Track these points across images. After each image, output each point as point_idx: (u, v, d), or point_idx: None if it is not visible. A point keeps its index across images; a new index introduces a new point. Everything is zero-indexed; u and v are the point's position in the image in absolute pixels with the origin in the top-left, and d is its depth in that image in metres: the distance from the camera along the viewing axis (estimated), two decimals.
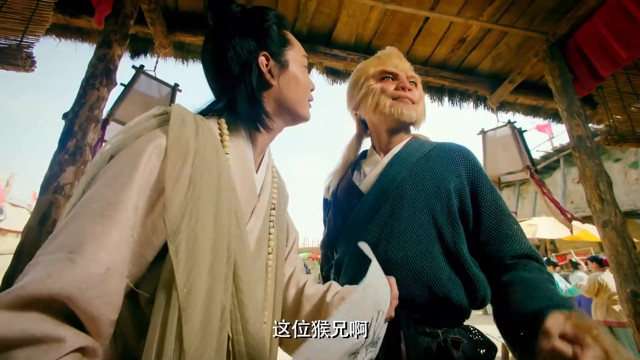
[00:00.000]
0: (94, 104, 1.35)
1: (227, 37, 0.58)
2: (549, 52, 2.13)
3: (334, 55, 2.37)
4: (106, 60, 1.45)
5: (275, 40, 0.60)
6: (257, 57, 0.58)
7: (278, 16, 0.64)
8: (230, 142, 0.56)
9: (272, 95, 0.61)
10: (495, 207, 0.70)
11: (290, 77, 0.61)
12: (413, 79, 0.84)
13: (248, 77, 0.57)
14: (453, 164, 0.75)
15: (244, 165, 0.57)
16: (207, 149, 0.48)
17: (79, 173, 1.26)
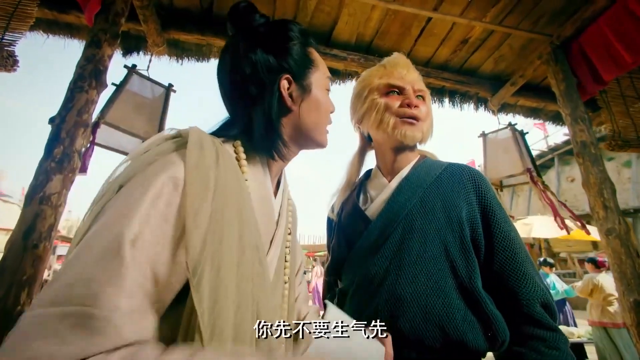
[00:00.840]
0: (82, 108, 1.28)
1: (247, 54, 0.53)
2: (552, 54, 2.09)
3: (334, 55, 2.31)
4: (95, 60, 1.37)
5: (299, 61, 0.55)
6: (279, 79, 0.53)
7: (304, 32, 0.58)
8: (248, 167, 0.52)
9: (291, 121, 0.56)
10: (508, 239, 0.66)
11: (312, 103, 0.56)
12: (420, 93, 0.78)
13: (267, 101, 0.52)
14: (464, 190, 0.70)
15: (262, 192, 0.53)
16: (229, 177, 0.44)
17: (66, 182, 1.19)
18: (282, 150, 0.54)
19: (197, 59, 2.42)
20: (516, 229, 0.68)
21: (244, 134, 0.53)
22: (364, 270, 0.66)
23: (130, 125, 1.72)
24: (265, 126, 0.52)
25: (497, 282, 0.63)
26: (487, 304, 0.60)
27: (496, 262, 0.64)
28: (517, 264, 0.63)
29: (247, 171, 0.50)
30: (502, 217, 0.67)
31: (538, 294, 0.61)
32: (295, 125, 0.56)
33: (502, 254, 0.64)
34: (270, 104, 0.52)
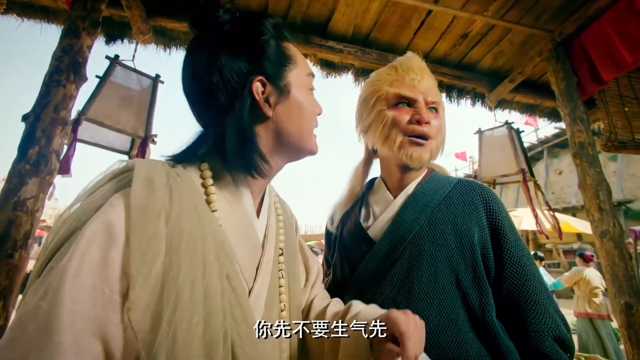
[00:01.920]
0: (59, 104, 1.18)
1: (211, 56, 0.46)
2: (553, 52, 2.04)
3: (330, 47, 2.22)
4: (73, 52, 1.26)
5: (273, 60, 0.48)
6: (251, 83, 0.46)
7: (277, 26, 0.51)
8: (220, 193, 0.45)
9: (269, 129, 0.49)
10: (520, 265, 0.61)
11: (293, 105, 0.49)
12: (434, 105, 0.71)
13: (238, 108, 0.45)
14: (475, 212, 0.65)
15: (241, 219, 0.47)
16: (186, 219, 0.37)
17: (43, 185, 1.10)
18: (261, 166, 0.47)
19: (185, 48, 2.30)
20: (529, 253, 0.64)
21: (215, 151, 0.46)
22: (369, 298, 0.62)
23: (115, 120, 1.62)
24: (238, 139, 0.45)
25: (506, 310, 0.59)
26: (502, 338, 0.56)
27: (505, 289, 0.60)
28: (528, 292, 0.59)
29: (217, 199, 0.44)
30: (514, 240, 0.63)
31: (550, 326, 0.57)
32: (276, 133, 0.49)
33: (512, 280, 0.60)
34: (242, 111, 0.45)
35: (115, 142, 1.85)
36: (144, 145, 1.67)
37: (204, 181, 0.45)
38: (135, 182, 0.36)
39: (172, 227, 0.35)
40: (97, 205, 0.35)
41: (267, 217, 0.53)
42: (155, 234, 0.34)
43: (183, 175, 0.42)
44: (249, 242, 0.47)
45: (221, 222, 0.43)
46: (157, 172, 0.38)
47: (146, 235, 0.33)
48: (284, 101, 0.49)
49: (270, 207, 0.56)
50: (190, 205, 0.39)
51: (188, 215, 0.38)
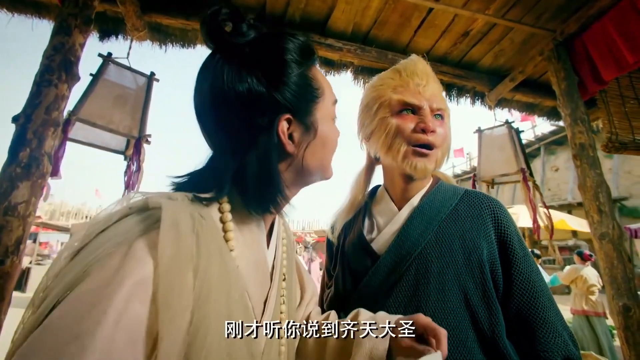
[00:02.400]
0: (51, 105, 1.14)
1: (233, 84, 0.41)
2: (555, 51, 2.02)
3: (329, 45, 2.18)
4: (64, 50, 1.22)
5: (300, 94, 0.44)
6: (277, 121, 0.42)
7: (304, 49, 0.46)
8: (237, 229, 0.43)
9: (290, 165, 0.46)
10: (529, 282, 0.59)
11: (318, 143, 0.46)
12: (439, 112, 0.68)
13: (263, 147, 0.42)
14: (483, 227, 0.63)
15: (255, 255, 0.45)
16: (213, 269, 0.34)
17: (35, 189, 1.07)
18: (279, 204, 0.45)
19: (181, 45, 2.25)
20: (538, 269, 0.62)
21: (234, 185, 0.43)
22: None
23: (108, 120, 1.58)
24: (260, 178, 0.42)
25: (514, 327, 0.58)
26: (512, 358, 0.54)
27: (513, 306, 0.59)
28: (537, 309, 0.57)
29: (234, 237, 0.42)
30: (523, 256, 0.61)
31: (559, 346, 0.55)
32: (297, 168, 0.46)
33: (521, 297, 0.58)
34: (267, 151, 0.42)
35: (110, 142, 1.82)
36: (138, 145, 1.64)
37: (222, 215, 0.42)
38: (163, 228, 0.31)
39: (200, 281, 0.32)
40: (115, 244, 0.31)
41: (276, 246, 0.52)
42: (183, 288, 0.31)
43: (206, 215, 0.39)
44: (260, 277, 0.45)
45: (238, 261, 0.41)
46: (182, 214, 0.35)
47: (174, 291, 0.30)
48: (310, 140, 0.45)
49: (279, 235, 0.54)
50: (216, 253, 0.36)
51: (214, 265, 0.35)
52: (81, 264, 0.30)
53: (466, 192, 0.69)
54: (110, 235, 0.32)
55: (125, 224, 0.33)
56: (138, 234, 0.32)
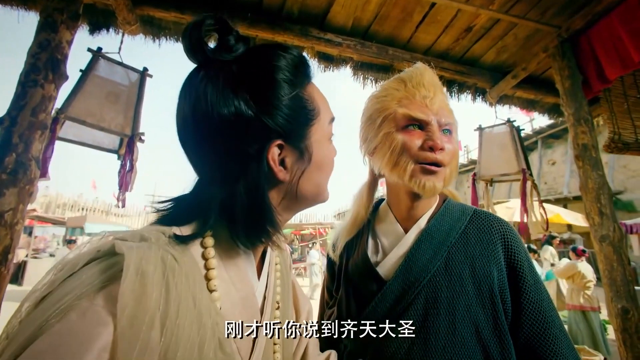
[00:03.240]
0: (38, 106, 1.08)
1: (217, 108, 0.37)
2: (560, 48, 1.98)
3: (328, 40, 2.12)
4: (51, 48, 1.15)
5: (294, 117, 0.40)
6: (267, 149, 0.38)
7: (298, 66, 0.41)
8: (222, 264, 0.40)
9: (284, 192, 0.42)
10: (539, 311, 0.56)
11: (314, 168, 0.42)
12: (447, 126, 0.64)
13: (251, 175, 0.38)
14: (494, 253, 0.60)
15: (242, 291, 0.41)
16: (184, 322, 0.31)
17: (23, 195, 1.02)
18: (271, 236, 0.41)
19: (176, 39, 2.17)
20: (549, 297, 0.60)
21: (220, 216, 0.39)
22: (379, 345, 0.57)
23: (99, 118, 1.53)
24: (249, 208, 0.38)
25: (523, 358, 0.55)
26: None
27: (522, 335, 0.56)
28: (548, 341, 0.54)
29: (217, 276, 0.38)
30: (533, 283, 0.58)
31: None
32: (291, 196, 0.42)
33: (531, 327, 0.56)
34: (256, 180, 0.38)
35: (103, 141, 1.76)
36: (131, 144, 1.59)
37: (204, 251, 0.38)
38: (124, 281, 0.28)
39: (168, 337, 0.29)
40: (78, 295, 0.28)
41: (268, 275, 0.48)
42: (146, 348, 0.27)
43: (182, 256, 0.35)
44: (248, 313, 0.41)
45: (220, 302, 0.38)
46: (151, 261, 0.31)
47: (135, 353, 0.27)
48: (305, 166, 0.42)
49: (272, 260, 0.50)
50: (189, 302, 0.32)
51: (186, 317, 0.31)
52: (41, 317, 0.27)
53: (475, 212, 0.66)
54: (74, 284, 0.29)
55: (88, 272, 0.30)
56: (99, 286, 0.29)
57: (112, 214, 18.49)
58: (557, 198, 10.95)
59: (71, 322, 0.26)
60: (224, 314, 0.37)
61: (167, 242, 0.35)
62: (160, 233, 0.36)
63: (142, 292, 0.29)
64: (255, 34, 2.03)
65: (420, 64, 0.70)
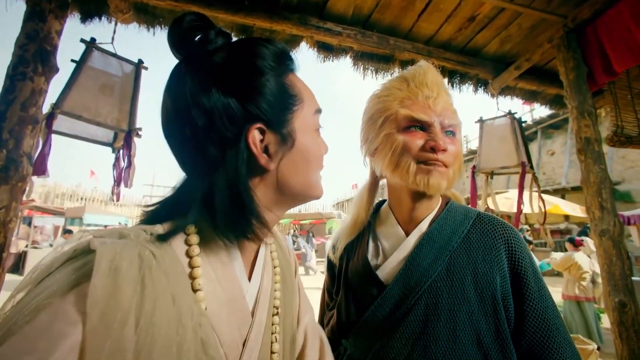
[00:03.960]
0: (27, 100, 1.05)
1: (198, 93, 0.37)
2: (565, 38, 1.93)
3: (328, 30, 2.06)
4: (39, 39, 1.10)
5: (275, 102, 0.40)
6: (247, 132, 0.38)
7: (280, 55, 0.42)
8: (208, 262, 0.38)
9: (269, 183, 0.41)
10: (543, 319, 0.55)
11: (297, 155, 0.42)
12: (451, 128, 0.62)
13: (231, 164, 0.37)
14: (497, 258, 0.58)
15: (230, 292, 0.40)
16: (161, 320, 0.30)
17: (15, 192, 1.00)
18: (256, 230, 0.40)
19: None
20: (554, 304, 0.59)
21: (203, 210, 0.38)
22: (379, 349, 0.56)
23: (94, 113, 1.48)
24: (230, 199, 0.37)
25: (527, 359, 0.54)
26: None
27: (525, 343, 0.55)
28: (552, 350, 0.53)
29: (203, 273, 0.37)
30: (537, 290, 0.57)
31: None
32: (276, 187, 0.42)
33: (533, 335, 0.54)
34: (236, 168, 0.37)
35: (97, 134, 1.72)
36: (129, 139, 1.55)
37: (189, 249, 0.37)
38: (95, 277, 0.27)
39: (142, 336, 0.28)
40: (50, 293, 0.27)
41: (261, 276, 0.46)
42: (118, 346, 0.27)
43: (161, 253, 0.34)
44: (236, 316, 0.40)
45: (206, 302, 0.37)
46: (125, 256, 0.30)
47: (105, 354, 0.26)
48: (287, 152, 0.41)
49: (267, 261, 0.48)
50: (167, 300, 0.31)
51: (163, 315, 0.30)
52: (12, 320, 0.27)
53: (478, 216, 0.64)
54: (47, 284, 0.29)
55: (63, 272, 0.29)
56: (71, 284, 0.28)
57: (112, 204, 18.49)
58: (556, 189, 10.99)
59: (40, 322, 0.26)
60: (210, 315, 0.36)
61: (148, 239, 0.35)
62: (142, 230, 0.36)
63: (115, 288, 0.28)
64: (252, 22, 1.97)
65: (423, 62, 0.67)
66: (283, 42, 2.18)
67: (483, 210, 2.55)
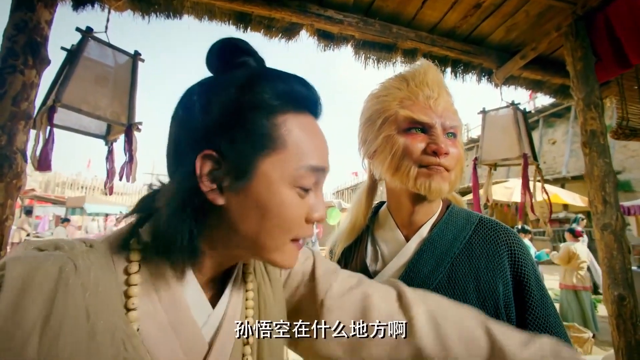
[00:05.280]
0: (18, 95, 1.01)
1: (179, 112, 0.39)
2: (573, 26, 1.87)
3: (329, 17, 1.99)
4: (28, 29, 1.06)
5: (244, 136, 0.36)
6: (197, 154, 0.36)
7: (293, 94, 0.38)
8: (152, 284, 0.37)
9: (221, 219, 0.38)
10: (546, 328, 0.54)
11: (249, 203, 0.36)
12: (452, 130, 0.60)
13: (175, 182, 0.37)
14: (499, 265, 0.57)
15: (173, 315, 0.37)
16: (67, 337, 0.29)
17: (11, 190, 0.98)
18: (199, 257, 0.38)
19: (166, 16, 2.04)
20: (557, 312, 0.58)
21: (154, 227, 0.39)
22: None
23: (94, 106, 1.44)
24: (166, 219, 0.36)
25: None
26: None
27: None
28: None
29: (139, 294, 0.35)
30: (540, 298, 0.56)
31: None
32: (228, 227, 0.38)
33: None
34: (178, 188, 0.36)
35: (89, 126, 1.68)
36: (130, 134, 1.52)
37: (128, 265, 0.36)
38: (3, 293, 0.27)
39: (44, 354, 0.27)
40: None
41: (228, 303, 0.42)
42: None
43: (87, 266, 0.32)
44: (182, 341, 0.37)
45: (140, 323, 0.35)
46: (41, 271, 0.29)
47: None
48: (239, 192, 0.36)
49: (236, 285, 0.44)
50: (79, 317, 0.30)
51: (71, 331, 0.29)
52: None
53: (480, 221, 0.62)
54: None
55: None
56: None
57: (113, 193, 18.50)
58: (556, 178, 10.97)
59: None
60: (144, 337, 0.35)
61: (84, 250, 0.34)
62: (82, 242, 0.35)
63: (18, 305, 0.27)
64: (250, 10, 1.90)
65: (424, 61, 0.64)
66: (282, 30, 2.12)
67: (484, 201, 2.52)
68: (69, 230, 8.59)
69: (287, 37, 2.16)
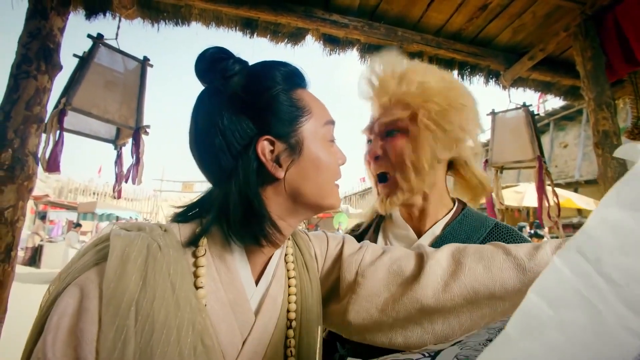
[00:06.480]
0: (32, 99, 1.04)
1: (214, 115, 0.43)
2: (582, 26, 1.84)
3: (334, 22, 2.01)
4: (42, 36, 1.10)
5: (282, 114, 0.44)
6: (256, 143, 0.42)
7: (289, 75, 0.46)
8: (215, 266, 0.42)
9: (281, 191, 0.44)
10: None
11: (308, 163, 0.44)
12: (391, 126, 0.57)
13: (242, 172, 0.42)
14: None
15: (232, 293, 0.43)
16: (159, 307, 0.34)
17: (22, 192, 1.00)
18: (271, 234, 0.43)
19: (175, 23, 2.09)
20: None
21: (219, 217, 0.43)
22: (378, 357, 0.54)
23: (103, 109, 1.48)
24: (242, 206, 0.41)
25: None
26: None
27: None
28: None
29: (206, 273, 0.41)
30: None
31: None
32: (289, 195, 0.44)
33: None
34: (246, 176, 0.41)
35: (99, 130, 1.72)
36: (137, 137, 1.55)
37: (196, 249, 0.41)
38: (109, 263, 0.33)
39: (142, 320, 0.32)
40: (77, 270, 0.34)
41: (269, 283, 0.47)
42: (124, 326, 0.31)
43: (168, 247, 0.38)
44: (237, 317, 0.43)
45: (207, 299, 0.40)
46: (134, 247, 0.35)
47: (114, 328, 0.31)
48: (297, 161, 0.43)
49: (278, 270, 0.49)
50: (166, 289, 0.35)
51: (161, 302, 0.34)
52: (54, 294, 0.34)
53: (496, 226, 0.61)
54: (80, 264, 0.35)
55: (90, 253, 0.36)
56: (91, 264, 0.34)
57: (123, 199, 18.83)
58: (568, 182, 10.72)
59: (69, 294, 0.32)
60: (210, 312, 0.39)
61: (161, 234, 0.39)
62: (157, 226, 0.41)
63: (123, 272, 0.33)
64: (256, 16, 1.93)
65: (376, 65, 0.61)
66: (288, 36, 2.14)
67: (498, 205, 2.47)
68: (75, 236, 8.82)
69: (293, 42, 2.18)
